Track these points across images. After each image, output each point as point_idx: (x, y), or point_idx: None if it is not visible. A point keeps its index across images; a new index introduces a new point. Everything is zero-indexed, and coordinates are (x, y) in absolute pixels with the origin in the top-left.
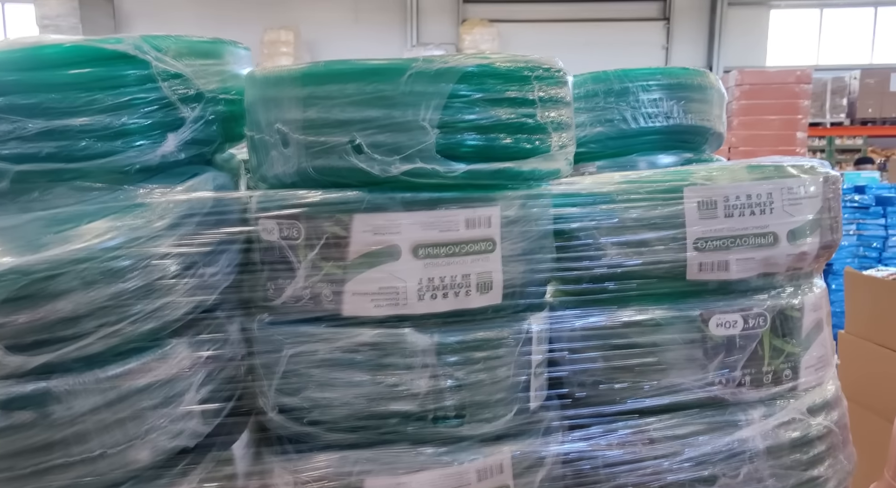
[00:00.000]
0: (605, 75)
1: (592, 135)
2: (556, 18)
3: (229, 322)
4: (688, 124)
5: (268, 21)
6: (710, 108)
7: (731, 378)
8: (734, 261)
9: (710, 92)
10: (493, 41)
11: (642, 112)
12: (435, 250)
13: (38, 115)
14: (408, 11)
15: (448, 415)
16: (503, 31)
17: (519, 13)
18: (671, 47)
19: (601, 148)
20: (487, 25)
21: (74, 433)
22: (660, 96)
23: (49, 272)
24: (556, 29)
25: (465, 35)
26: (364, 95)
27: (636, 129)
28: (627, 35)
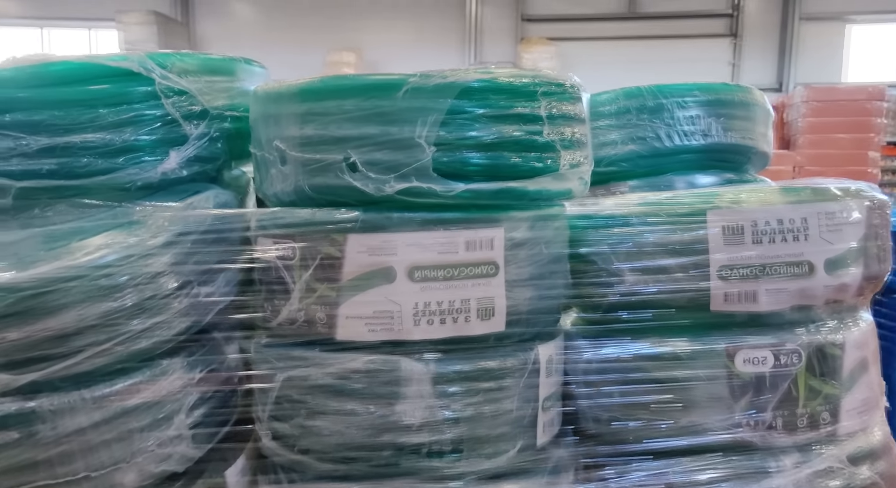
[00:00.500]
0: (637, 91)
1: (624, 154)
2: (618, 36)
3: (227, 343)
4: (728, 143)
5: (332, 43)
6: (753, 126)
7: (760, 420)
8: (764, 292)
9: (753, 109)
10: (551, 60)
11: (678, 129)
12: (432, 273)
13: (40, 132)
14: (467, 31)
15: (444, 450)
16: (563, 50)
17: (579, 31)
18: (739, 64)
19: (633, 167)
20: (547, 44)
21: (59, 453)
22: (697, 113)
23: (38, 289)
24: (617, 47)
25: (524, 54)
26: (361, 111)
27: (670, 148)
28: (693, 52)
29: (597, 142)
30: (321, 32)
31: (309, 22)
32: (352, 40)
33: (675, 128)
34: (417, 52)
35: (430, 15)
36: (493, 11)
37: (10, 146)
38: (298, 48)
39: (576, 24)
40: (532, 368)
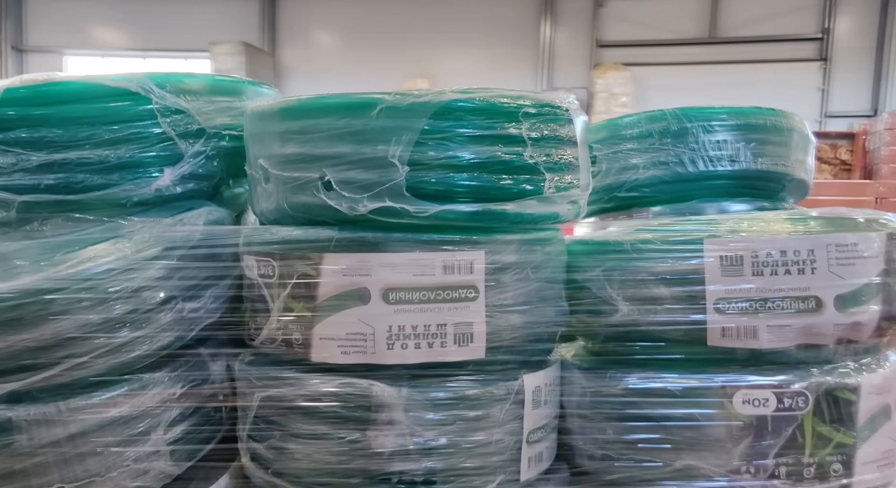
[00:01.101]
0: (661, 115)
1: (645, 179)
2: (697, 61)
3: (213, 360)
4: (758, 169)
5: (408, 70)
6: (788, 152)
7: (761, 467)
8: (765, 328)
9: (789, 134)
10: (626, 85)
11: (702, 155)
12: (407, 295)
13: (40, 149)
14: (540, 58)
15: (416, 480)
16: (639, 75)
17: (657, 57)
18: (829, 88)
19: (655, 192)
20: (621, 69)
21: (35, 464)
22: (725, 138)
23: (15, 301)
24: (696, 72)
25: (598, 79)
26: (335, 130)
27: (695, 173)
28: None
29: (618, 167)
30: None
31: (386, 51)
32: (426, 68)
33: (699, 153)
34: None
35: (504, 43)
36: (567, 38)
37: (12, 162)
38: (375, 76)
39: (653, 49)
40: (515, 398)
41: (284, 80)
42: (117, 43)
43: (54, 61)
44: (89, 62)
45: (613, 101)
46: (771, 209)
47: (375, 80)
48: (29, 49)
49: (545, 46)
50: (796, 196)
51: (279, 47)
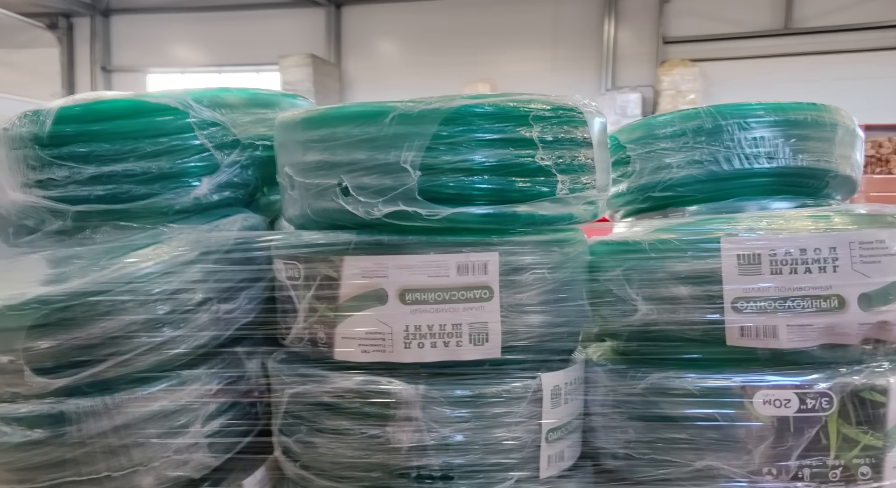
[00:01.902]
0: (694, 113)
1: (679, 179)
2: (771, 54)
3: (249, 358)
4: (798, 166)
5: (469, 75)
6: (831, 148)
7: (783, 468)
8: (785, 328)
9: (832, 129)
10: (694, 81)
11: (738, 153)
12: (423, 295)
13: (90, 162)
14: (604, 58)
15: (433, 475)
16: (708, 71)
17: (727, 51)
18: None
19: (690, 192)
20: (689, 65)
21: (84, 453)
22: (762, 135)
23: (65, 303)
24: (769, 65)
25: (664, 76)
26: (352, 138)
27: (730, 172)
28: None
29: (653, 167)
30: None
31: (447, 57)
32: (487, 72)
33: (734, 151)
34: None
35: (566, 44)
36: (631, 36)
37: (66, 175)
38: (437, 82)
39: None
40: (533, 397)
41: (349, 90)
42: (195, 60)
43: (138, 80)
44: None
45: (681, 99)
46: (814, 206)
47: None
48: (115, 69)
49: (609, 46)
50: (843, 193)
51: (344, 58)
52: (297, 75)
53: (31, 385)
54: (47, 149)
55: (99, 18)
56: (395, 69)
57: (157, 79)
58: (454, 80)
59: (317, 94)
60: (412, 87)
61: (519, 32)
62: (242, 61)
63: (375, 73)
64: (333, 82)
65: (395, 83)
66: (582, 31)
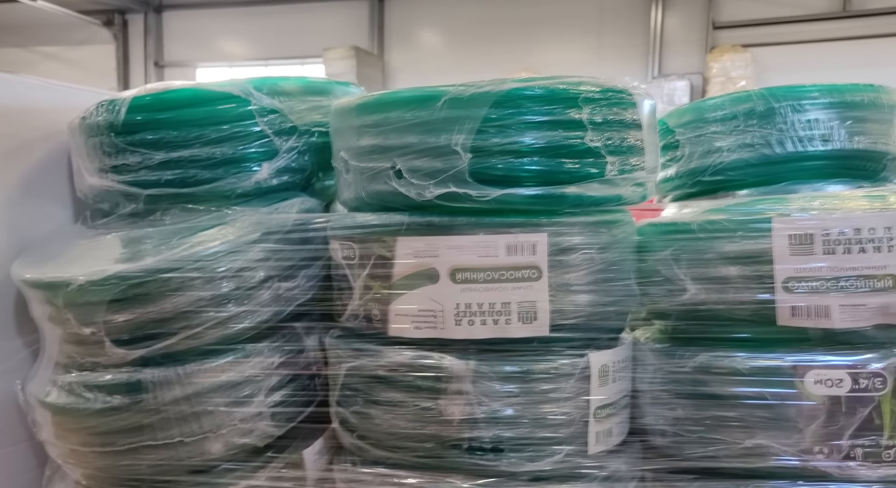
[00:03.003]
0: (746, 96)
1: (731, 162)
2: (824, 38)
3: (307, 334)
4: (854, 148)
5: (511, 65)
6: (889, 130)
7: (835, 447)
8: (837, 308)
9: (891, 111)
10: (745, 67)
11: (791, 135)
12: (473, 275)
13: (160, 148)
14: (651, 44)
15: (484, 447)
16: (759, 57)
17: (778, 36)
18: None
19: (742, 175)
20: (740, 51)
21: (159, 419)
22: (816, 117)
23: (142, 279)
24: (825, 50)
25: (713, 63)
26: (405, 122)
27: (783, 155)
28: None
29: (703, 151)
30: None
31: (490, 47)
32: (531, 62)
33: (787, 134)
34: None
35: (611, 31)
36: (679, 22)
37: (139, 160)
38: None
39: (776, 27)
40: (581, 375)
41: (392, 81)
42: (242, 54)
43: (188, 74)
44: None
45: (731, 86)
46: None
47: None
48: (167, 64)
49: (656, 32)
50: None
51: (387, 49)
52: (341, 67)
53: (111, 355)
54: (121, 136)
55: (152, 15)
56: (438, 60)
57: (206, 73)
58: (497, 70)
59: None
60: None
61: (563, 21)
62: (288, 54)
63: (418, 63)
64: (377, 73)
65: (436, 73)
66: (628, 17)
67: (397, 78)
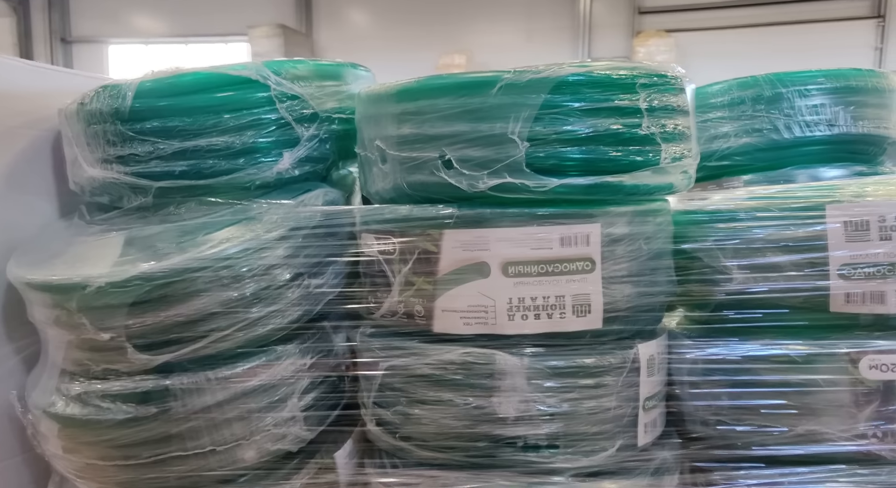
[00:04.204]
0: (753, 81)
1: (738, 147)
2: (744, 24)
3: (335, 332)
4: (857, 133)
5: (443, 46)
6: (888, 114)
7: (889, 431)
8: (893, 293)
9: (889, 95)
10: (669, 52)
11: (798, 120)
12: (526, 268)
13: (174, 137)
14: (580, 28)
15: (540, 444)
16: (682, 42)
17: (701, 21)
18: (886, 48)
19: (749, 160)
20: (664, 36)
21: (189, 428)
22: (821, 102)
23: (169, 279)
24: (743, 36)
25: (639, 47)
26: (454, 109)
27: (790, 140)
28: (830, 37)
29: (707, 136)
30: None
31: (420, 27)
32: (462, 43)
33: (795, 119)
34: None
35: (541, 14)
36: (606, 6)
37: (149, 150)
38: (411, 53)
39: (697, 13)
40: (632, 366)
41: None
42: (159, 30)
43: (99, 51)
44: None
45: None
46: (869, 174)
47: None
48: (74, 40)
49: (584, 16)
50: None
51: (315, 28)
52: (267, 46)
53: (133, 361)
54: (128, 124)
55: None
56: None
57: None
58: (429, 51)
59: None
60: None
61: (493, 3)
62: (209, 32)
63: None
64: (305, 53)
65: (368, 54)
66: (557, 1)
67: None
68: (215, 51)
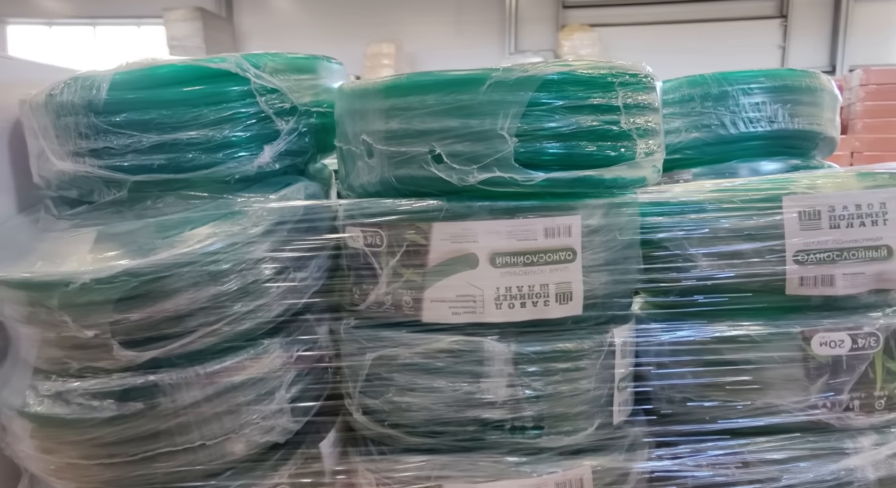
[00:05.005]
0: (701, 79)
1: (688, 142)
2: (661, 20)
3: (318, 325)
4: (794, 129)
5: (371, 35)
6: (820, 112)
7: (837, 401)
8: (841, 276)
9: (820, 94)
10: (593, 46)
11: (742, 116)
12: (512, 259)
13: (151, 130)
14: (507, 21)
15: (526, 426)
16: (604, 36)
17: (621, 17)
18: (788, 47)
19: (698, 154)
20: (587, 30)
21: (178, 424)
22: (763, 100)
23: (156, 274)
24: (661, 32)
25: (564, 41)
26: (443, 105)
27: (736, 135)
28: (739, 35)
29: None
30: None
31: (347, 15)
32: (390, 32)
33: (740, 115)
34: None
35: (469, 5)
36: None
37: (125, 143)
38: (338, 41)
39: (617, 9)
40: (608, 350)
41: (244, 47)
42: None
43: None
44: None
45: None
46: (804, 167)
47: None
48: None
49: (511, 9)
50: (825, 153)
51: (237, 13)
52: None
53: (118, 358)
54: (102, 116)
55: None
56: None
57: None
58: (357, 40)
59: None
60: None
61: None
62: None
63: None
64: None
65: (293, 41)
66: None
67: (250, 44)
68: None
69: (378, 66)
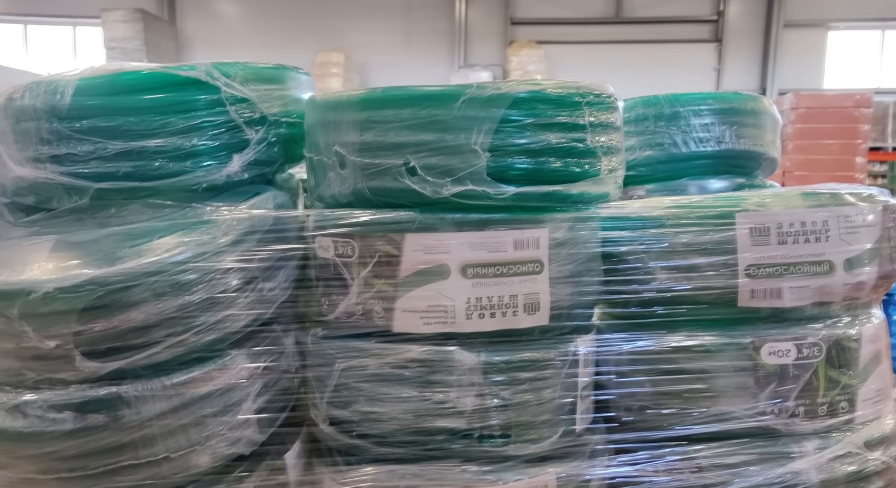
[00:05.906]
0: (655, 99)
1: (642, 159)
2: (605, 40)
3: (285, 335)
4: (740, 149)
5: (321, 43)
6: (763, 134)
7: (783, 408)
8: (787, 289)
9: (763, 117)
10: (539, 63)
11: (693, 136)
12: (483, 270)
13: (117, 137)
14: (456, 34)
15: (494, 434)
16: (551, 53)
17: (567, 35)
18: (723, 69)
19: (651, 171)
20: (535, 47)
21: (142, 436)
22: (711, 121)
23: (123, 284)
24: (604, 51)
25: (513, 57)
26: (418, 120)
27: (687, 154)
28: (678, 57)
29: None
30: (308, 33)
31: (295, 23)
32: (339, 41)
33: (690, 135)
34: (406, 53)
35: (419, 17)
36: (481, 14)
37: (89, 150)
38: (286, 49)
39: (563, 27)
40: (572, 359)
41: (187, 51)
42: None
43: None
44: None
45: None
46: (748, 185)
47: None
48: None
49: (460, 22)
50: (767, 172)
51: (180, 16)
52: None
53: (81, 369)
54: (66, 121)
55: None
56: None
57: None
58: (305, 48)
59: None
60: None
61: (372, 3)
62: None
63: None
64: (168, 41)
65: (239, 46)
66: (434, 5)
67: (194, 49)
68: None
69: (327, 75)
